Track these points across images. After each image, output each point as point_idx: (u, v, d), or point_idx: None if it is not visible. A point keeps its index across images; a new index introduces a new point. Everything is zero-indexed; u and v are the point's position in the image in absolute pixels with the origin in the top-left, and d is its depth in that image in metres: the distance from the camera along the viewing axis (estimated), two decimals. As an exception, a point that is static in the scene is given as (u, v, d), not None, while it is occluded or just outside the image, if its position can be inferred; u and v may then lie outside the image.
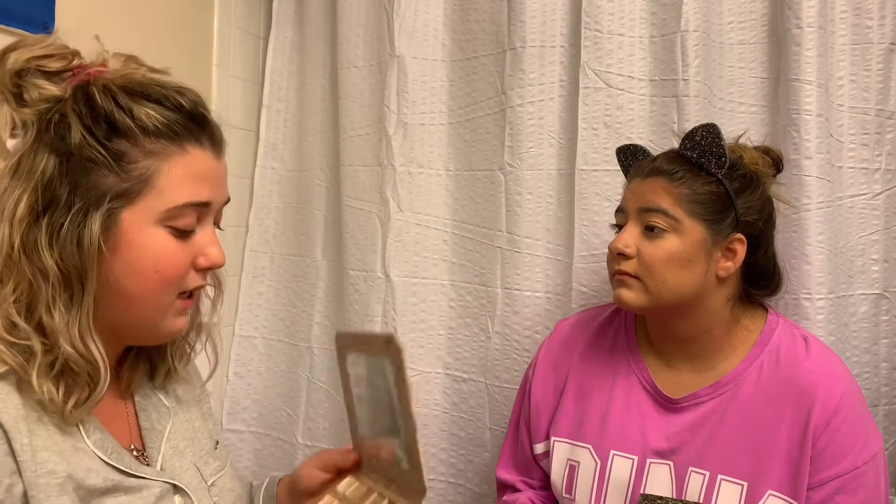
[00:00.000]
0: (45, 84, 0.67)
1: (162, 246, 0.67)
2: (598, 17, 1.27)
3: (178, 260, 0.69)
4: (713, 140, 0.97)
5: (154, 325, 0.71)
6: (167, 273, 0.68)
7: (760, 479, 0.94)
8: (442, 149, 1.44)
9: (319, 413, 1.54)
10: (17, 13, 1.05)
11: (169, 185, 0.67)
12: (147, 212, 0.66)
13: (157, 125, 0.66)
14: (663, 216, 0.97)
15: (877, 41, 1.20)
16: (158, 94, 0.68)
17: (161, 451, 0.75)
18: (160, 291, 0.69)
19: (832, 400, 0.93)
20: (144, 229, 0.66)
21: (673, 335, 1.03)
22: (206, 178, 0.70)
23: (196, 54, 1.46)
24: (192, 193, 0.68)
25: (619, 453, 1.03)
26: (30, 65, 0.67)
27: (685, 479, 0.98)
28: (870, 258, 1.21)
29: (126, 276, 0.66)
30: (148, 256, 0.67)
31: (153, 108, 0.67)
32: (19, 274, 0.64)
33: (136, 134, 0.66)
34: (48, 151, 0.65)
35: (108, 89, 0.66)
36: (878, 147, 1.21)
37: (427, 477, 0.67)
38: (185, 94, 0.69)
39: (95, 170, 0.65)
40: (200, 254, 0.70)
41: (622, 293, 0.99)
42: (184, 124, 0.68)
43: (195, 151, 0.69)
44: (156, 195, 0.66)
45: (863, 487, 0.93)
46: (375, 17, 1.46)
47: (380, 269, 1.44)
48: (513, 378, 1.35)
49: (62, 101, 0.66)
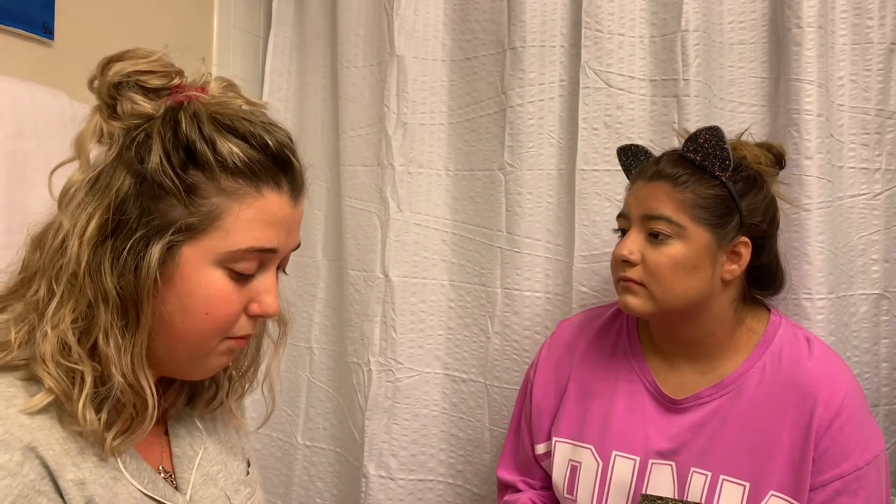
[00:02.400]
0: (141, 100, 0.65)
1: (216, 287, 0.64)
2: (599, 17, 1.27)
3: (230, 304, 0.65)
4: (717, 143, 0.96)
5: (195, 365, 0.69)
6: (217, 316, 0.65)
7: (762, 480, 0.94)
8: (442, 149, 1.44)
9: (319, 413, 1.54)
10: (17, 13, 1.05)
11: (236, 227, 0.64)
12: (207, 250, 0.63)
13: (236, 163, 0.63)
14: (667, 223, 0.96)
15: (877, 41, 1.20)
16: (245, 130, 0.64)
17: (191, 480, 0.73)
18: (207, 334, 0.66)
19: (835, 401, 0.93)
20: (203, 267, 0.64)
21: (677, 338, 1.03)
22: (277, 225, 0.66)
23: (196, 54, 1.46)
24: (258, 239, 0.65)
25: (621, 454, 1.03)
26: (130, 78, 0.65)
27: (687, 479, 0.98)
28: (870, 258, 1.21)
29: (176, 312, 0.64)
30: (200, 296, 0.64)
31: (237, 144, 0.64)
32: (81, 295, 0.62)
33: (214, 168, 0.63)
34: (126, 171, 0.63)
35: (197, 116, 0.64)
36: (879, 147, 1.21)
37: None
38: (272, 134, 0.66)
39: (165, 198, 0.62)
40: (255, 300, 0.67)
41: (628, 300, 0.99)
42: (265, 165, 0.65)
43: (271, 196, 0.65)
44: (221, 235, 0.63)
45: (864, 489, 0.92)
46: (375, 17, 1.46)
47: (379, 269, 1.44)
48: (512, 378, 1.35)
49: (152, 120, 0.64)
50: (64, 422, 0.62)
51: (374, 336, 1.44)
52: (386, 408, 1.43)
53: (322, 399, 1.54)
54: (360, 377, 1.45)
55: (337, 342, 1.53)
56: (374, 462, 1.41)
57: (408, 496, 1.41)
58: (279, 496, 1.55)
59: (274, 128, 0.67)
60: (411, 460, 1.42)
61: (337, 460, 1.52)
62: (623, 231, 1.03)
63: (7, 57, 1.04)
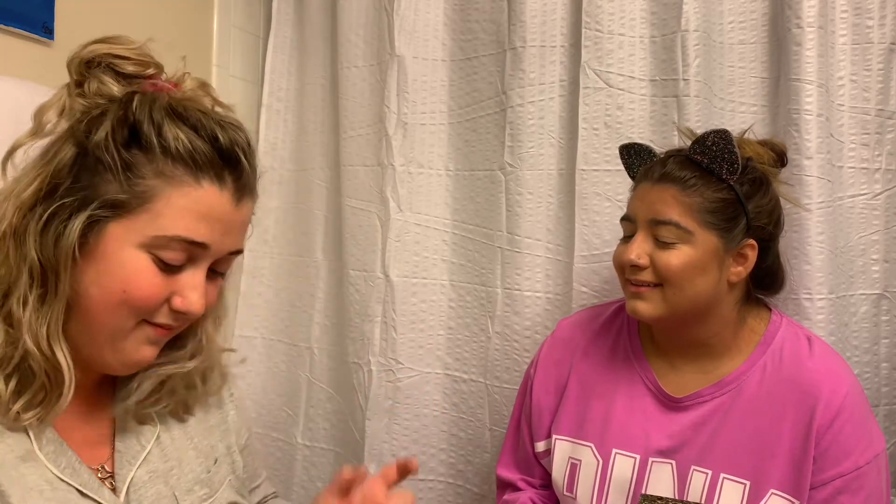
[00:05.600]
0: (110, 81, 0.65)
1: (137, 269, 0.63)
2: (599, 17, 1.27)
3: (151, 288, 0.63)
4: (725, 146, 0.95)
5: (114, 349, 0.65)
6: (134, 296, 0.63)
7: (763, 479, 0.94)
8: (442, 149, 1.44)
9: (319, 413, 1.54)
10: (17, 13, 1.04)
11: (167, 212, 0.62)
12: (134, 231, 0.62)
13: (179, 149, 0.63)
14: (675, 228, 0.95)
15: (877, 41, 1.20)
16: (196, 121, 0.64)
17: (130, 477, 0.69)
18: (120, 311, 0.63)
19: (835, 400, 0.93)
20: (125, 247, 0.62)
21: (681, 339, 1.03)
22: (212, 220, 0.65)
23: (196, 54, 1.46)
24: (187, 228, 0.63)
25: (622, 452, 1.03)
26: (104, 59, 0.65)
27: (687, 477, 0.98)
28: (870, 258, 1.21)
29: (92, 287, 0.62)
30: (118, 274, 0.62)
31: (185, 131, 0.63)
32: (4, 257, 0.61)
33: (156, 151, 0.62)
34: (72, 142, 0.63)
35: (152, 102, 0.64)
36: (879, 147, 1.21)
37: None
38: (226, 130, 0.65)
39: (102, 173, 0.62)
40: (179, 293, 0.65)
41: (638, 305, 0.98)
42: (209, 157, 0.64)
43: (210, 188, 0.64)
44: (149, 217, 0.62)
45: (865, 487, 0.93)
46: (375, 17, 1.46)
47: (380, 269, 1.44)
48: (513, 378, 1.35)
49: (113, 102, 0.64)
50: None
51: (374, 336, 1.44)
52: (386, 408, 1.43)
53: (322, 399, 1.54)
54: (360, 377, 1.45)
55: (337, 342, 1.53)
56: (375, 462, 1.41)
57: (408, 496, 1.41)
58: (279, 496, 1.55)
59: (232, 127, 0.66)
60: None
61: (337, 460, 1.52)
62: (628, 235, 1.02)
63: (7, 57, 1.04)
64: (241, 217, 0.68)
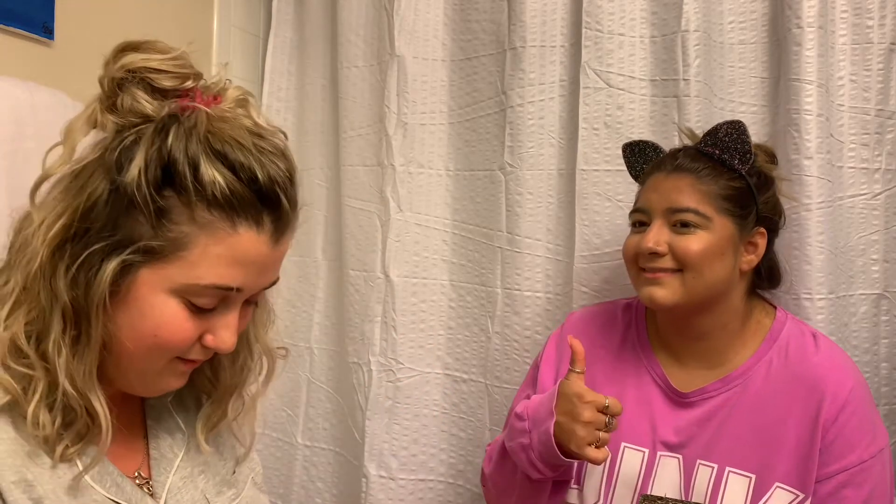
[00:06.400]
0: (144, 98, 0.60)
1: (169, 315, 0.61)
2: (599, 17, 1.27)
3: (183, 332, 0.62)
4: (738, 136, 0.98)
5: (144, 383, 0.66)
6: (166, 339, 0.61)
7: (768, 472, 0.95)
8: (442, 149, 1.44)
9: (319, 413, 1.54)
10: (17, 13, 1.04)
11: (201, 261, 0.60)
12: (166, 278, 0.60)
13: (216, 194, 0.58)
14: (694, 215, 0.97)
15: (877, 41, 1.20)
16: (235, 159, 0.59)
17: (168, 483, 0.70)
18: (151, 353, 0.62)
19: (841, 394, 0.94)
20: (157, 293, 0.60)
21: (690, 332, 1.03)
22: (248, 265, 0.62)
23: (196, 54, 1.46)
24: (221, 276, 0.61)
25: (630, 446, 1.03)
26: (139, 72, 0.60)
27: (693, 472, 0.99)
28: (870, 258, 1.21)
29: (122, 330, 0.60)
30: (150, 320, 0.60)
31: (222, 173, 0.58)
32: (36, 296, 0.59)
33: (191, 194, 0.58)
34: (104, 175, 0.59)
35: (189, 133, 0.59)
36: (879, 147, 1.21)
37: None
38: (265, 167, 0.60)
39: (134, 214, 0.58)
40: (211, 332, 0.64)
41: (654, 291, 0.99)
42: (248, 201, 0.60)
43: (246, 234, 0.60)
44: (183, 265, 0.59)
45: (869, 481, 0.94)
46: (375, 17, 1.46)
47: (380, 269, 1.44)
48: (513, 378, 1.35)
49: (148, 124, 0.60)
50: (18, 426, 0.59)
51: (374, 336, 1.44)
52: (386, 408, 1.43)
53: (322, 399, 1.53)
54: (360, 377, 1.45)
55: (337, 342, 1.53)
56: (375, 462, 1.41)
57: (408, 496, 1.41)
58: (279, 496, 1.55)
59: (272, 159, 0.61)
60: (412, 460, 1.42)
61: (337, 460, 1.52)
62: (638, 224, 1.03)
63: (7, 57, 1.04)
64: (278, 255, 0.65)
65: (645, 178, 1.06)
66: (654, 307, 1.02)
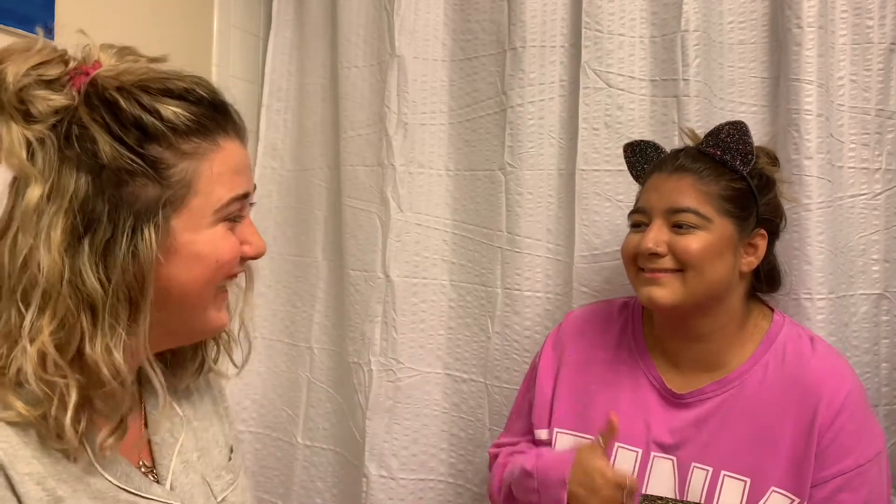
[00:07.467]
0: (50, 94, 0.60)
1: (220, 239, 0.66)
2: (599, 17, 1.27)
3: (234, 247, 0.67)
4: (741, 137, 0.98)
5: (201, 321, 0.69)
6: (227, 260, 0.67)
7: (763, 476, 0.95)
8: (442, 149, 1.44)
9: (319, 413, 1.54)
10: (17, 13, 1.05)
11: (213, 184, 0.64)
12: (198, 215, 0.64)
13: (187, 123, 0.63)
14: (694, 216, 0.97)
15: (877, 41, 1.20)
16: (180, 89, 0.63)
17: (171, 468, 0.72)
18: (211, 283, 0.67)
19: (838, 398, 0.94)
20: (200, 230, 0.64)
21: (686, 333, 1.03)
22: (242, 169, 0.68)
23: (196, 54, 1.46)
24: (234, 187, 0.66)
25: (624, 446, 1.03)
26: (29, 77, 0.60)
27: (688, 474, 0.99)
28: (870, 258, 1.21)
29: (180, 276, 0.64)
30: (208, 254, 0.65)
31: (178, 104, 0.62)
32: (58, 305, 0.59)
33: (169, 136, 0.62)
34: (76, 168, 0.60)
35: (126, 91, 0.61)
36: (879, 147, 1.21)
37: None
38: (201, 84, 0.65)
39: (133, 181, 0.61)
40: (245, 242, 0.69)
41: (654, 291, 0.98)
42: (211, 117, 0.65)
43: (227, 144, 0.66)
44: (202, 198, 0.64)
45: (866, 485, 0.93)
46: (375, 17, 1.46)
47: (380, 269, 1.44)
48: (513, 378, 1.35)
49: (74, 110, 0.60)
50: (40, 433, 0.60)
51: (374, 336, 1.44)
52: (387, 408, 1.43)
53: (322, 399, 1.54)
54: (360, 377, 1.45)
55: (337, 342, 1.53)
56: (375, 462, 1.41)
57: (409, 496, 1.41)
58: (279, 496, 1.55)
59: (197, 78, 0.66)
60: (412, 460, 1.42)
61: (337, 460, 1.52)
62: (637, 225, 1.03)
63: (7, 57, 1.04)
64: (248, 159, 0.71)
65: (645, 179, 1.06)
66: (653, 307, 1.02)
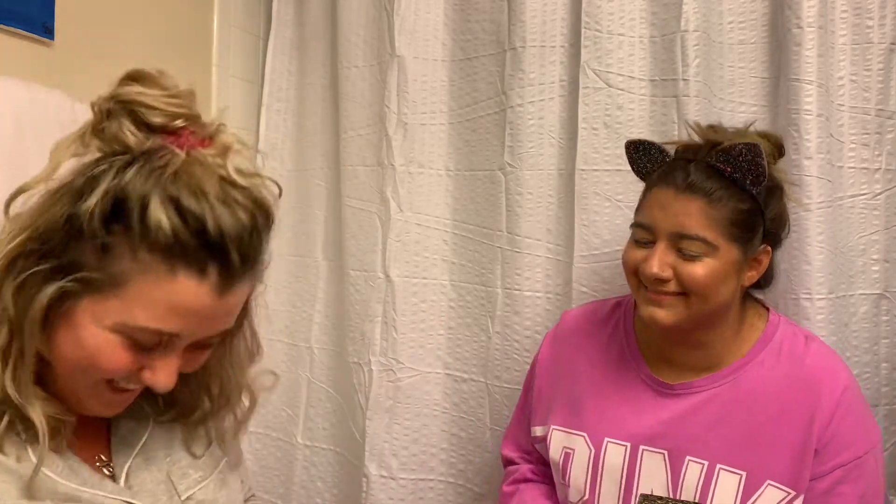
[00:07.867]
0: (130, 129, 0.60)
1: (105, 346, 0.61)
2: (599, 17, 1.27)
3: (118, 361, 0.61)
4: (754, 159, 0.93)
5: (78, 401, 0.66)
6: (100, 367, 0.61)
7: (759, 470, 0.96)
8: (442, 149, 1.44)
9: (319, 413, 1.54)
10: (18, 13, 1.04)
11: (138, 301, 0.59)
12: (105, 312, 0.60)
13: (158, 237, 0.58)
14: (702, 243, 0.94)
15: (877, 41, 1.20)
16: (187, 206, 0.58)
17: (127, 465, 0.70)
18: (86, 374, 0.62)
19: (835, 394, 0.95)
20: (95, 325, 0.60)
21: (684, 343, 1.02)
22: (187, 314, 0.61)
23: (195, 54, 1.46)
24: (157, 320, 0.60)
25: (613, 440, 1.04)
26: (131, 105, 0.60)
27: (682, 468, 0.99)
28: (870, 258, 1.21)
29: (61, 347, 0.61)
30: (87, 347, 0.61)
31: (170, 217, 0.58)
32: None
33: (135, 234, 0.58)
34: (68, 200, 0.59)
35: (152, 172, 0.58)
36: (879, 147, 1.21)
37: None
38: (219, 218, 0.59)
39: (83, 243, 0.59)
40: (149, 368, 0.63)
41: (656, 313, 0.97)
42: (191, 249, 0.59)
43: (187, 282, 0.59)
44: (119, 303, 0.59)
45: (864, 476, 0.95)
46: (375, 17, 1.46)
47: (380, 269, 1.44)
48: (513, 378, 1.35)
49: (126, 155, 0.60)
50: None
51: (374, 336, 1.44)
52: (387, 407, 1.43)
53: (322, 399, 1.54)
54: (360, 377, 1.45)
55: (337, 342, 1.53)
56: (376, 462, 1.41)
57: (409, 496, 1.41)
58: (279, 496, 1.55)
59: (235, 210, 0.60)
60: (412, 460, 1.42)
61: (337, 460, 1.52)
62: (642, 241, 0.99)
63: (7, 57, 1.04)
64: (226, 306, 0.63)
65: (652, 186, 1.02)
66: (654, 327, 1.01)
